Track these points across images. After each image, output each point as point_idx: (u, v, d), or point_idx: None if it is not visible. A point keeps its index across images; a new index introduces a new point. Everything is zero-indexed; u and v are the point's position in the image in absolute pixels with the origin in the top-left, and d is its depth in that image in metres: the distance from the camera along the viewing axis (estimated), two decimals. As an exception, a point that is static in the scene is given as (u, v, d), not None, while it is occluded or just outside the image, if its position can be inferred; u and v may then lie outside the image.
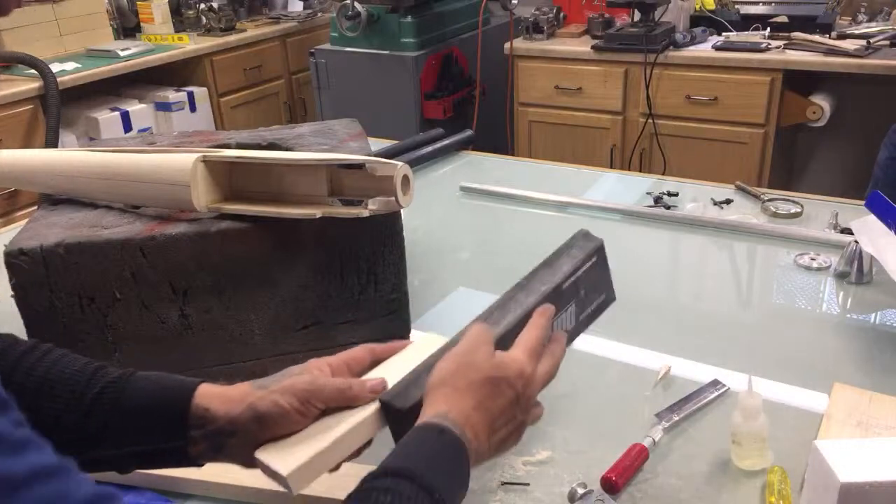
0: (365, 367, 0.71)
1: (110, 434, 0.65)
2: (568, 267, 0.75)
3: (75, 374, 0.66)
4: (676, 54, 2.76)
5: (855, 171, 2.98)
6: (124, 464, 0.67)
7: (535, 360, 0.67)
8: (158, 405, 0.66)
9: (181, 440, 0.65)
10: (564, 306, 0.74)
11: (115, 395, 0.65)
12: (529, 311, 0.71)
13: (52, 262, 0.92)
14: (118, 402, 0.65)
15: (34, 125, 2.79)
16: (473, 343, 0.67)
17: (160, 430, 0.65)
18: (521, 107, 3.14)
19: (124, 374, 0.67)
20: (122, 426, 0.65)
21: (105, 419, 0.65)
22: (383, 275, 1.03)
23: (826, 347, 1.09)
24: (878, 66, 2.50)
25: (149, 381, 0.67)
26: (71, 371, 0.67)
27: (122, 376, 0.67)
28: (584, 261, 0.76)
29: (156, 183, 0.97)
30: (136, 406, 0.65)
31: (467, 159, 1.89)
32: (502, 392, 0.64)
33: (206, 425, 0.65)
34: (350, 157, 0.96)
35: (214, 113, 3.45)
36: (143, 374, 0.68)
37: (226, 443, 0.65)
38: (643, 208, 1.52)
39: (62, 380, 0.66)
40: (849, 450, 0.71)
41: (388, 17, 3.02)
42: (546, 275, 0.74)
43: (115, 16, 3.51)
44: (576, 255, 0.76)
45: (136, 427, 0.65)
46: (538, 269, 0.75)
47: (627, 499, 0.82)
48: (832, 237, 1.35)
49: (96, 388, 0.66)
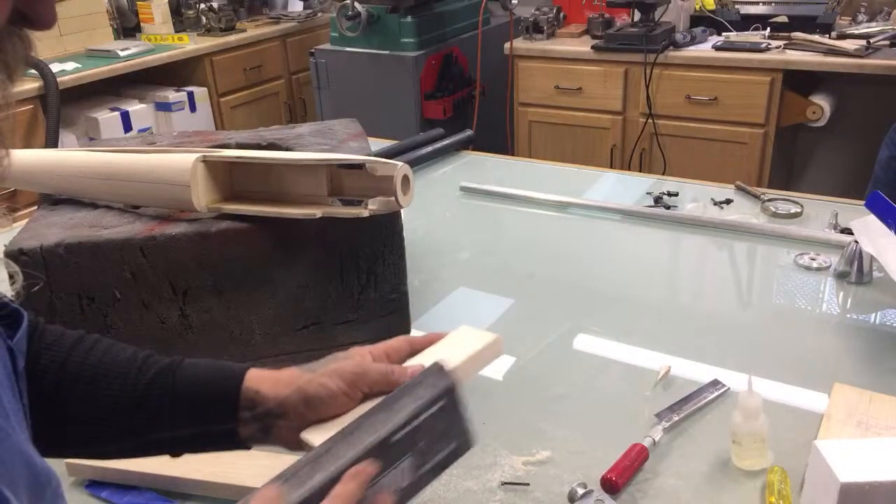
0: (403, 357, 0.72)
1: (164, 418, 0.66)
2: (405, 413, 0.62)
3: (127, 362, 0.68)
4: (676, 54, 2.76)
5: (855, 171, 2.98)
6: (177, 446, 0.69)
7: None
8: (210, 390, 0.67)
9: (232, 423, 0.67)
10: (396, 461, 0.61)
11: (168, 381, 0.67)
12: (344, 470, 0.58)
13: (52, 262, 0.92)
14: (171, 388, 0.67)
15: (34, 125, 2.79)
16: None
17: (212, 413, 0.67)
18: (521, 107, 3.14)
19: (175, 361, 0.69)
20: (176, 411, 0.67)
21: (159, 405, 0.66)
22: (383, 275, 1.03)
23: (826, 347, 1.09)
24: (878, 66, 2.50)
25: (199, 368, 0.69)
26: (122, 359, 0.69)
27: (173, 363, 0.69)
28: (428, 405, 0.63)
29: (156, 183, 0.97)
30: (189, 391, 0.67)
31: (467, 159, 1.89)
32: None
33: (255, 407, 0.67)
34: (350, 157, 0.96)
35: (214, 113, 3.45)
36: (192, 361, 0.70)
37: (274, 424, 0.67)
38: (643, 208, 1.52)
39: (115, 368, 0.68)
40: (849, 450, 0.71)
41: (388, 17, 3.02)
42: (378, 420, 0.62)
43: (115, 16, 3.51)
44: (420, 395, 0.64)
45: (189, 411, 0.67)
46: (374, 411, 0.63)
47: (627, 499, 0.82)
48: (832, 237, 1.35)
49: (149, 375, 0.67)
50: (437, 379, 0.65)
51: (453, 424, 0.66)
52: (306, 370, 0.68)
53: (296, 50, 3.75)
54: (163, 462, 0.87)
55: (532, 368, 1.06)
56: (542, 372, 1.05)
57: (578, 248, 1.42)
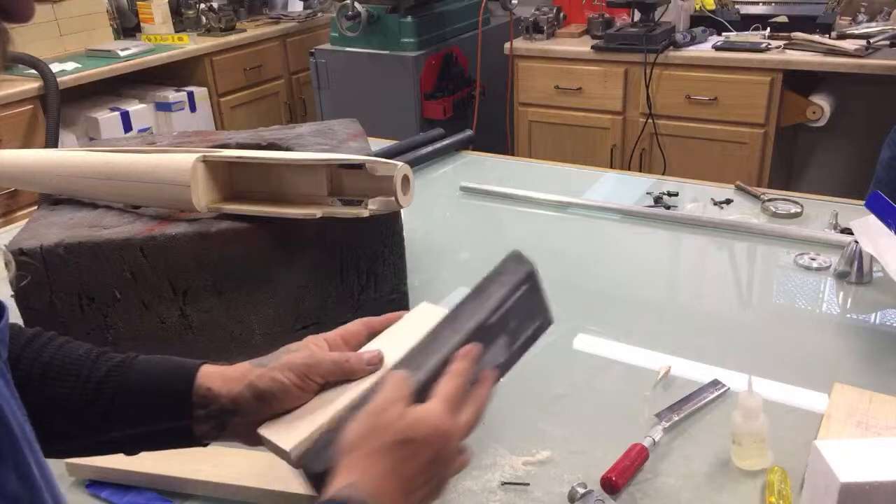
0: (361, 341, 0.72)
1: (116, 417, 0.66)
2: (495, 299, 0.69)
3: (79, 359, 0.68)
4: (676, 54, 2.76)
5: (855, 171, 2.98)
6: (131, 445, 0.68)
7: (454, 412, 0.63)
8: (162, 387, 0.67)
9: (185, 420, 0.66)
10: (493, 341, 0.69)
11: (120, 379, 0.67)
12: (453, 352, 0.66)
13: (52, 262, 0.92)
14: (123, 385, 0.67)
15: (34, 125, 2.79)
16: (387, 399, 0.62)
17: (165, 411, 0.66)
18: (521, 107, 3.14)
19: (127, 359, 0.69)
20: (128, 409, 0.66)
21: (110, 403, 0.66)
22: (383, 275, 1.03)
23: (826, 347, 1.09)
24: (878, 66, 2.50)
25: (151, 365, 0.69)
26: (75, 356, 0.68)
27: (126, 360, 0.69)
28: (514, 290, 0.70)
29: (156, 183, 0.97)
30: (141, 389, 0.67)
31: (467, 159, 1.89)
32: (418, 453, 0.60)
33: (209, 405, 0.66)
34: (350, 157, 0.96)
35: (214, 113, 3.45)
36: (145, 358, 0.69)
37: (229, 421, 0.66)
38: (643, 208, 1.52)
39: (66, 365, 0.67)
40: (849, 450, 0.71)
41: (388, 17, 3.02)
42: (473, 307, 0.69)
43: (115, 16, 3.51)
44: (505, 282, 0.71)
45: (142, 409, 0.66)
46: (467, 299, 0.70)
47: (627, 499, 0.82)
48: (832, 237, 1.35)
49: (101, 373, 0.67)
50: (518, 265, 0.72)
51: (536, 304, 0.73)
52: (257, 364, 0.68)
53: (296, 50, 3.75)
54: (163, 462, 0.87)
55: (532, 368, 1.06)
56: (542, 372, 1.05)
57: (578, 248, 1.42)
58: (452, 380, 0.63)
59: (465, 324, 0.68)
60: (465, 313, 0.68)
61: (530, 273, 0.72)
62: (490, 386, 0.67)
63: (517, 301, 0.70)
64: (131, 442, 0.68)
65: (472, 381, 0.65)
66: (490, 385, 0.67)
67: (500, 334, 0.69)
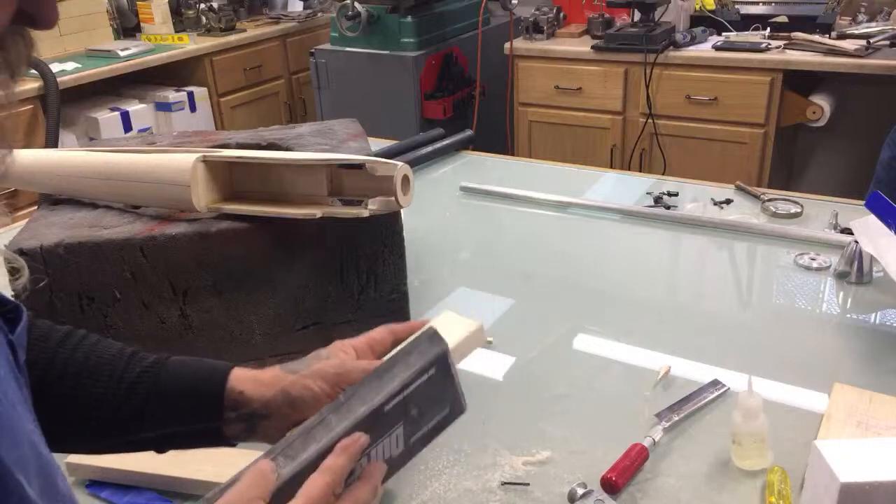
0: (387, 348, 0.72)
1: (149, 416, 0.67)
2: (397, 382, 0.61)
3: (113, 359, 0.68)
4: (676, 54, 2.76)
5: (855, 171, 2.98)
6: (162, 444, 0.69)
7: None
8: (194, 389, 0.68)
9: (217, 422, 0.67)
10: (388, 430, 0.61)
11: (153, 379, 0.68)
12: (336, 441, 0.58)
13: (52, 262, 0.92)
14: (155, 386, 0.67)
15: (34, 125, 2.79)
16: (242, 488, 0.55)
17: (196, 412, 0.67)
18: (521, 107, 3.14)
19: (160, 359, 0.69)
20: (160, 409, 0.67)
21: (143, 403, 0.67)
22: (383, 275, 1.03)
23: (826, 347, 1.09)
24: (878, 66, 2.50)
25: (183, 367, 0.69)
26: (108, 356, 0.69)
27: (158, 361, 0.69)
28: (419, 374, 0.62)
29: (156, 183, 0.97)
30: (173, 390, 0.67)
31: (467, 159, 1.89)
32: None
33: (240, 408, 0.67)
34: (350, 157, 0.96)
35: (214, 113, 3.45)
36: (177, 359, 0.70)
37: (259, 424, 0.67)
38: (643, 208, 1.52)
39: (101, 365, 0.68)
40: (849, 450, 0.71)
41: (388, 17, 3.02)
42: (369, 390, 0.61)
43: (115, 16, 3.51)
44: (411, 364, 0.63)
45: (174, 410, 0.67)
46: (365, 380, 0.62)
47: (627, 499, 0.82)
48: (832, 237, 1.35)
49: (134, 373, 0.68)
50: (429, 346, 0.64)
51: (445, 390, 0.65)
52: (289, 370, 0.68)
53: (296, 50, 3.75)
54: (163, 462, 0.87)
55: (532, 368, 1.06)
56: (542, 372, 1.05)
57: (578, 248, 1.42)
58: (321, 477, 0.56)
59: (355, 409, 0.59)
60: (359, 396, 0.60)
61: (441, 355, 0.64)
62: (375, 483, 0.59)
63: (422, 386, 0.63)
64: (162, 441, 0.68)
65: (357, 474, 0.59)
66: (375, 482, 0.59)
67: (397, 422, 0.61)
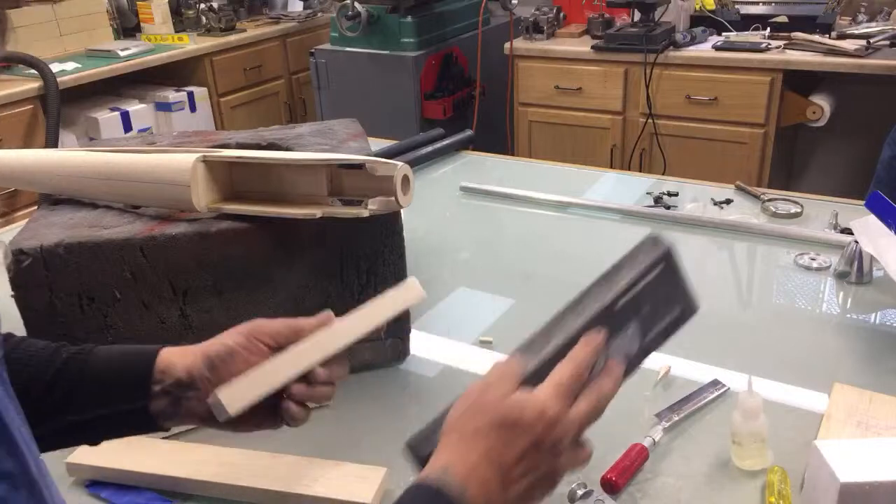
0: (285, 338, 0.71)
1: (75, 401, 0.66)
2: (625, 280, 0.63)
3: (41, 350, 0.68)
4: (676, 54, 2.76)
5: (855, 171, 2.98)
6: (91, 432, 0.68)
7: (564, 398, 0.58)
8: (122, 368, 0.68)
9: (143, 400, 0.66)
10: (621, 327, 0.63)
11: (79, 365, 0.67)
12: (575, 337, 0.61)
13: (52, 262, 0.92)
14: (82, 371, 0.67)
15: (34, 125, 2.79)
16: (493, 379, 0.59)
17: (123, 392, 0.67)
18: (521, 107, 3.14)
19: (87, 347, 0.70)
20: (87, 392, 0.66)
21: (70, 387, 0.66)
22: (383, 275, 1.03)
23: (826, 347, 1.09)
24: (878, 66, 2.50)
25: (112, 350, 0.69)
26: (36, 348, 0.69)
27: (86, 348, 0.69)
28: (646, 271, 0.64)
29: (156, 183, 0.97)
30: (101, 371, 0.67)
31: (467, 159, 1.89)
32: (516, 437, 0.56)
33: (165, 380, 0.67)
34: (350, 157, 0.96)
35: (214, 113, 3.45)
36: (106, 347, 0.70)
37: (183, 396, 0.66)
38: (643, 208, 1.52)
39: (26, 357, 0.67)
40: (849, 450, 0.71)
41: (388, 17, 3.02)
42: (600, 290, 0.63)
43: (115, 16, 3.51)
44: (637, 264, 0.64)
45: (100, 392, 0.67)
46: (596, 282, 0.64)
47: (627, 499, 0.82)
48: (832, 237, 1.35)
49: (60, 360, 0.67)
50: (653, 245, 0.66)
51: (675, 289, 0.67)
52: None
53: (296, 50, 3.75)
54: (163, 462, 0.87)
55: (532, 368, 1.06)
56: (542, 372, 1.05)
57: (578, 248, 1.42)
58: (567, 365, 0.59)
59: (589, 308, 0.62)
60: (590, 297, 0.63)
61: (666, 253, 0.65)
62: (616, 378, 0.62)
63: (650, 283, 0.64)
64: (90, 428, 0.67)
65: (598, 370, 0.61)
66: (616, 377, 0.62)
67: (630, 320, 0.63)
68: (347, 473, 0.85)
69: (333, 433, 0.95)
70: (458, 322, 1.18)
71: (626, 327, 0.63)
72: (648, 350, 0.65)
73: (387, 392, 1.03)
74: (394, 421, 0.97)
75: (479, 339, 1.13)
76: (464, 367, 1.07)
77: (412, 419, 0.97)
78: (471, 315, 1.21)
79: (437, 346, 1.13)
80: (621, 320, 0.63)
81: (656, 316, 0.65)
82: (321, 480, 0.84)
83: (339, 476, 0.85)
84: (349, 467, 0.86)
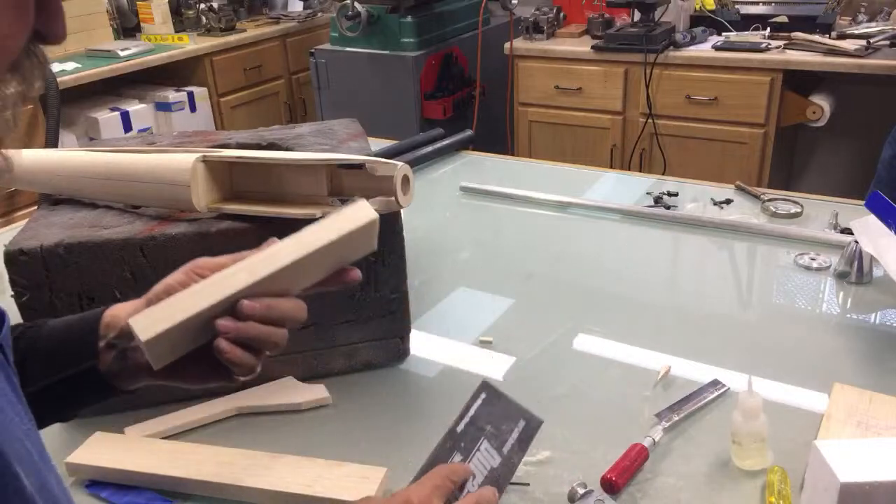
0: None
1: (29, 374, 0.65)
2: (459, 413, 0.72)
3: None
4: (676, 54, 2.76)
5: (855, 171, 2.99)
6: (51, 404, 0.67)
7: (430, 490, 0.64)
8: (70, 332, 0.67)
9: (90, 359, 0.66)
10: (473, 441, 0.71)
11: (32, 336, 0.67)
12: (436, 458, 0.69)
13: (52, 262, 0.92)
14: (35, 344, 0.67)
15: (34, 125, 2.79)
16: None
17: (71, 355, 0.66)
18: (521, 107, 3.14)
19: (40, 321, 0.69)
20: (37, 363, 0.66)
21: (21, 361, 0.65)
22: (383, 275, 1.03)
23: (826, 347, 1.09)
24: (878, 66, 2.50)
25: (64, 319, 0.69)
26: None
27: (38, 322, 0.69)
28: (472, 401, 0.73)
29: (156, 183, 0.97)
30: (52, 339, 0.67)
31: (467, 159, 1.89)
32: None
33: (110, 333, 0.66)
34: (350, 157, 0.96)
35: (214, 113, 3.45)
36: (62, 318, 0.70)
37: (129, 347, 0.66)
38: (643, 208, 1.52)
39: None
40: (849, 450, 0.71)
41: (388, 17, 3.02)
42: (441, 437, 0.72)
43: (115, 16, 3.51)
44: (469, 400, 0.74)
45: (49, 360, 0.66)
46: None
47: (627, 499, 0.82)
48: (832, 237, 1.35)
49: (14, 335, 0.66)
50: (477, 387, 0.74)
51: (508, 408, 0.74)
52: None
53: (296, 50, 3.75)
54: (163, 462, 0.87)
55: (532, 368, 1.06)
56: (542, 372, 1.05)
57: (578, 248, 1.42)
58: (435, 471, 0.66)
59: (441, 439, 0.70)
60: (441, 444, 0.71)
61: (483, 385, 0.74)
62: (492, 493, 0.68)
63: (481, 408, 0.73)
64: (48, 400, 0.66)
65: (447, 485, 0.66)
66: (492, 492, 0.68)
67: (478, 438, 0.71)
68: (347, 473, 0.85)
69: (333, 433, 0.95)
70: (458, 322, 1.18)
71: (477, 441, 0.71)
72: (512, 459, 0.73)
73: (387, 392, 1.03)
74: (394, 421, 0.97)
75: (479, 339, 1.13)
76: (464, 367, 1.07)
77: (412, 419, 0.97)
78: (471, 315, 1.21)
79: (437, 346, 1.13)
80: (469, 437, 0.71)
81: (502, 431, 0.73)
82: (321, 480, 0.84)
83: (339, 476, 0.85)
84: (349, 467, 0.86)
